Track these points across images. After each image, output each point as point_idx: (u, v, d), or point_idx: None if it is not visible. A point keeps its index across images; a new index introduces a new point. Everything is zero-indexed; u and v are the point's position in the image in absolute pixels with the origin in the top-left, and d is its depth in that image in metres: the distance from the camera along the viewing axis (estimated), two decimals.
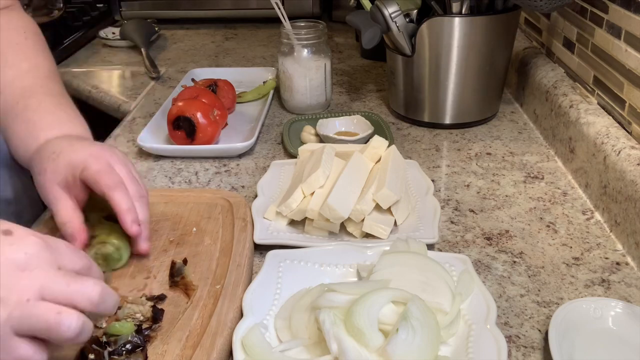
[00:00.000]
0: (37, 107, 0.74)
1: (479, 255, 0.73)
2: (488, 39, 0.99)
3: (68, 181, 0.66)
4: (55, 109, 0.75)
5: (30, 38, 0.80)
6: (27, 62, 0.78)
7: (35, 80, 0.77)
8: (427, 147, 1.00)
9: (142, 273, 0.67)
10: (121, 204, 0.64)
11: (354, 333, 0.54)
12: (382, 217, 0.73)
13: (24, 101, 0.74)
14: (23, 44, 0.79)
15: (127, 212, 0.65)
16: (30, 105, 0.73)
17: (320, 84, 1.11)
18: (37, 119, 0.73)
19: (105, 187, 0.64)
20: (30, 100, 0.74)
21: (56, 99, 0.76)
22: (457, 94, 1.02)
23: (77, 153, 0.67)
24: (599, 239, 0.76)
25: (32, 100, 0.74)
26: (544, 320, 0.62)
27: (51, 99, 0.76)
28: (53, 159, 0.67)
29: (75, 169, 0.66)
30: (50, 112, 0.74)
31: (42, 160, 0.68)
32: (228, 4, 1.70)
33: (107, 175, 0.65)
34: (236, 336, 0.56)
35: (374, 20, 1.00)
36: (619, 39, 0.82)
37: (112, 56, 1.51)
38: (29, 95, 0.75)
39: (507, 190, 0.87)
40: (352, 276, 0.67)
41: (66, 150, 0.67)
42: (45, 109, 0.74)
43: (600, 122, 0.83)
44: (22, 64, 0.77)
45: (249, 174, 0.93)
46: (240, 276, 0.65)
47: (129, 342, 0.54)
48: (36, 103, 0.74)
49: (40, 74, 0.78)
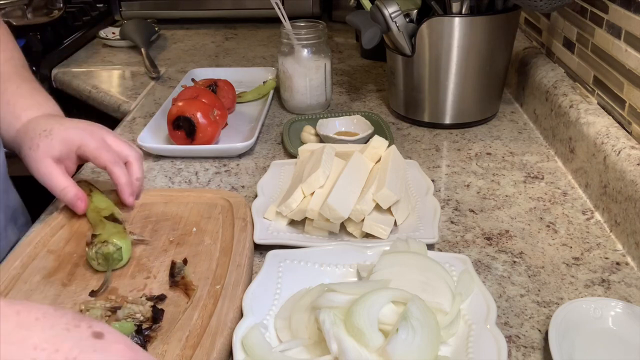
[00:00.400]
0: (15, 91, 0.80)
1: (479, 255, 0.73)
2: (488, 39, 0.99)
3: (62, 155, 0.74)
4: (32, 93, 0.81)
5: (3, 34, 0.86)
6: (4, 53, 0.84)
7: (12, 68, 0.83)
8: (427, 147, 1.00)
9: (142, 273, 0.67)
10: (121, 178, 0.75)
11: (354, 333, 0.54)
12: (382, 217, 0.73)
13: (3, 84, 0.80)
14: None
15: (126, 186, 0.75)
16: (9, 89, 0.80)
17: (320, 84, 1.11)
18: (16, 101, 0.79)
19: (107, 162, 0.74)
20: (9, 84, 0.80)
21: (31, 84, 0.83)
22: (457, 94, 1.02)
23: (70, 130, 0.75)
24: (599, 239, 0.76)
25: (10, 84, 0.80)
26: (544, 320, 0.62)
27: (28, 84, 0.82)
28: (46, 136, 0.74)
29: (71, 145, 0.74)
30: (29, 95, 0.81)
31: (32, 137, 0.74)
32: (228, 4, 1.70)
33: (105, 152, 0.74)
34: (236, 336, 0.56)
35: (374, 20, 1.00)
36: (619, 39, 0.82)
37: (112, 56, 1.51)
38: (7, 80, 0.81)
39: (507, 190, 0.87)
40: (352, 276, 0.67)
41: (57, 127, 0.75)
42: (24, 93, 0.80)
43: (600, 122, 0.83)
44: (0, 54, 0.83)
45: (249, 174, 0.93)
46: (240, 276, 0.65)
47: None
48: (15, 87, 0.80)
49: (16, 64, 0.84)
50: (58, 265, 0.68)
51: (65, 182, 0.74)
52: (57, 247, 0.71)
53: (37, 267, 0.67)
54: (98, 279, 0.66)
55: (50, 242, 0.72)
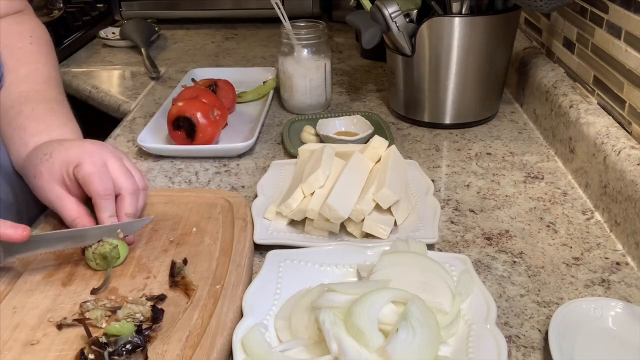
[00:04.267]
0: (30, 114, 0.75)
1: (479, 255, 0.73)
2: (488, 39, 0.99)
3: (65, 179, 0.69)
4: (47, 115, 0.76)
5: (35, 43, 0.82)
6: (26, 67, 0.79)
7: (32, 85, 0.78)
8: (427, 147, 1.00)
9: (142, 273, 0.67)
10: (101, 213, 0.68)
11: (354, 333, 0.54)
12: (382, 217, 0.73)
13: (18, 106, 0.76)
14: (25, 49, 0.81)
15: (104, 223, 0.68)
16: (24, 111, 0.75)
17: (320, 84, 1.11)
18: (28, 125, 0.75)
19: (94, 192, 0.68)
20: (24, 106, 0.76)
21: (50, 105, 0.78)
22: (457, 94, 1.02)
23: (70, 150, 0.69)
24: (599, 239, 0.76)
25: (26, 106, 0.76)
26: (544, 320, 0.62)
27: (45, 105, 0.77)
28: (46, 160, 0.69)
29: (69, 166, 0.68)
30: (42, 119, 0.76)
31: (35, 164, 0.70)
32: (228, 4, 1.70)
33: (97, 181, 0.68)
34: (236, 336, 0.56)
35: (374, 20, 1.00)
36: (619, 39, 0.82)
37: (112, 56, 1.51)
38: (23, 101, 0.76)
39: (507, 190, 0.87)
40: (352, 276, 0.67)
41: (57, 149, 0.70)
42: (38, 116, 0.76)
43: (600, 122, 0.83)
44: (20, 69, 0.79)
45: (249, 174, 0.93)
46: (240, 276, 0.65)
47: (129, 342, 0.54)
48: (29, 109, 0.76)
49: (38, 79, 0.80)
50: (58, 265, 0.68)
51: (75, 213, 0.68)
52: None
53: (37, 267, 0.68)
54: (98, 278, 0.66)
55: None
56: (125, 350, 0.54)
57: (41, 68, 0.81)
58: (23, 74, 0.79)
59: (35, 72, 0.80)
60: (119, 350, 0.54)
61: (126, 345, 0.54)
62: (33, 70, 0.80)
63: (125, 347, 0.54)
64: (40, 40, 0.83)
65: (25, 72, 0.79)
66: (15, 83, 0.78)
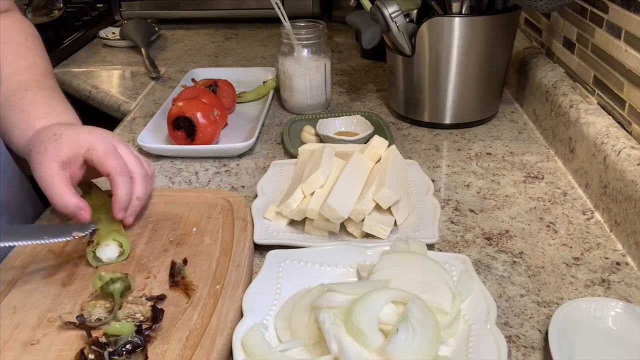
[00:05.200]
0: (32, 99, 0.78)
1: (479, 255, 0.73)
2: (488, 39, 0.99)
3: (69, 159, 0.70)
4: (49, 101, 0.79)
5: (30, 40, 0.86)
6: (25, 60, 0.83)
7: (31, 76, 0.82)
8: (427, 147, 1.00)
9: (142, 273, 0.67)
10: (120, 189, 0.70)
11: (354, 333, 0.54)
12: (382, 217, 0.73)
13: (20, 94, 0.78)
14: (23, 45, 0.85)
15: (121, 199, 0.70)
16: (26, 98, 0.78)
17: (320, 84, 1.11)
18: (32, 110, 0.77)
19: (112, 168, 0.69)
20: (26, 93, 0.79)
21: (50, 92, 0.81)
22: (457, 94, 1.02)
23: (81, 135, 0.71)
24: (599, 239, 0.76)
25: (28, 93, 0.79)
26: (544, 320, 0.62)
27: (45, 92, 0.80)
28: (55, 139, 0.71)
29: (79, 148, 0.70)
30: (45, 104, 0.79)
31: (42, 141, 0.71)
32: (228, 4, 1.70)
33: (113, 159, 0.70)
34: (236, 336, 0.56)
35: (374, 20, 0.99)
36: (619, 39, 0.82)
37: (112, 56, 1.51)
38: (24, 89, 0.79)
39: (507, 190, 0.87)
40: (352, 276, 0.67)
41: (68, 132, 0.72)
42: (40, 101, 0.78)
43: (600, 122, 0.83)
44: (21, 62, 0.83)
45: (249, 174, 0.93)
46: (240, 276, 0.65)
47: (129, 342, 0.54)
48: (31, 95, 0.78)
49: (36, 71, 0.83)
50: (58, 265, 0.68)
51: (66, 190, 0.69)
52: (57, 246, 0.71)
53: (37, 267, 0.68)
54: None
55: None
56: (125, 350, 0.54)
57: (39, 62, 0.85)
58: (23, 66, 0.82)
59: (34, 65, 0.83)
60: (119, 350, 0.54)
61: (126, 345, 0.54)
62: (32, 63, 0.83)
63: (125, 347, 0.54)
64: (34, 38, 0.87)
65: (25, 65, 0.82)
66: (16, 74, 0.81)
